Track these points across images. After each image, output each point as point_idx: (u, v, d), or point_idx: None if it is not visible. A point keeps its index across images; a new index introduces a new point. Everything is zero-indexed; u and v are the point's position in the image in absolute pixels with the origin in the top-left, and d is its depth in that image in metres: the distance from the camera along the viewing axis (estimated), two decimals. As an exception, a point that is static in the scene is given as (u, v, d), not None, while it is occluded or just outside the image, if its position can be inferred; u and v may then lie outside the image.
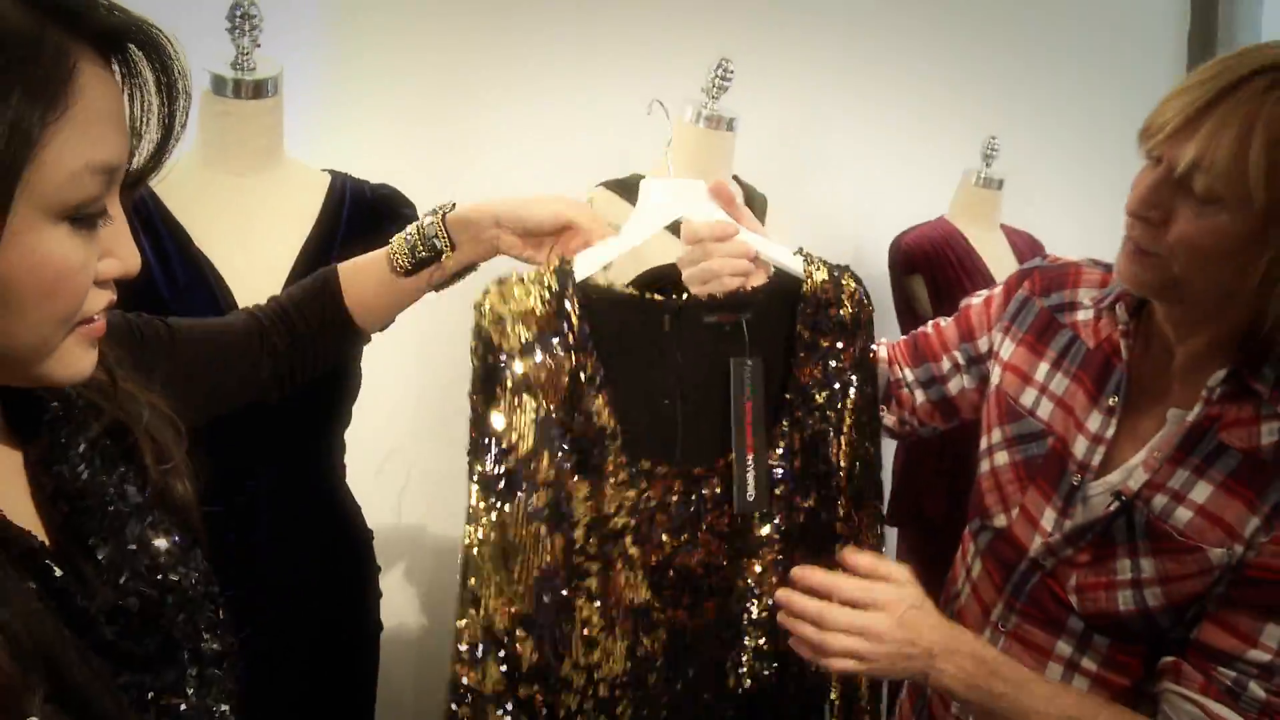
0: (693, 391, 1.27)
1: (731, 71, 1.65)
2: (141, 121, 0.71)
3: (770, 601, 1.27)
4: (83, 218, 0.67)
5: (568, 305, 1.18)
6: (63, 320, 0.69)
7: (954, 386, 1.41)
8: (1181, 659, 1.10)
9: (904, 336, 1.48)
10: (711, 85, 1.66)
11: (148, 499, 0.83)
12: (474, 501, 1.17)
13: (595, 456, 1.20)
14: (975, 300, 1.42)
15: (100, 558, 0.76)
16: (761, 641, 1.33)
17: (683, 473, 1.25)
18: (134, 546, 0.80)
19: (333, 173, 1.47)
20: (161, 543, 0.83)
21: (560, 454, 1.19)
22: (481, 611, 1.18)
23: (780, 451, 1.32)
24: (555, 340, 1.17)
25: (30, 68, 0.62)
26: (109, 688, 0.71)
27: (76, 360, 0.72)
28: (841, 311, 1.36)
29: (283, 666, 1.37)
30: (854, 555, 1.16)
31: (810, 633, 1.10)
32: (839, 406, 1.37)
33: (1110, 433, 1.19)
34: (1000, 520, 1.29)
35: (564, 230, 1.18)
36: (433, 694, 1.35)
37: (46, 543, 0.73)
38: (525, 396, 1.16)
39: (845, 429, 1.37)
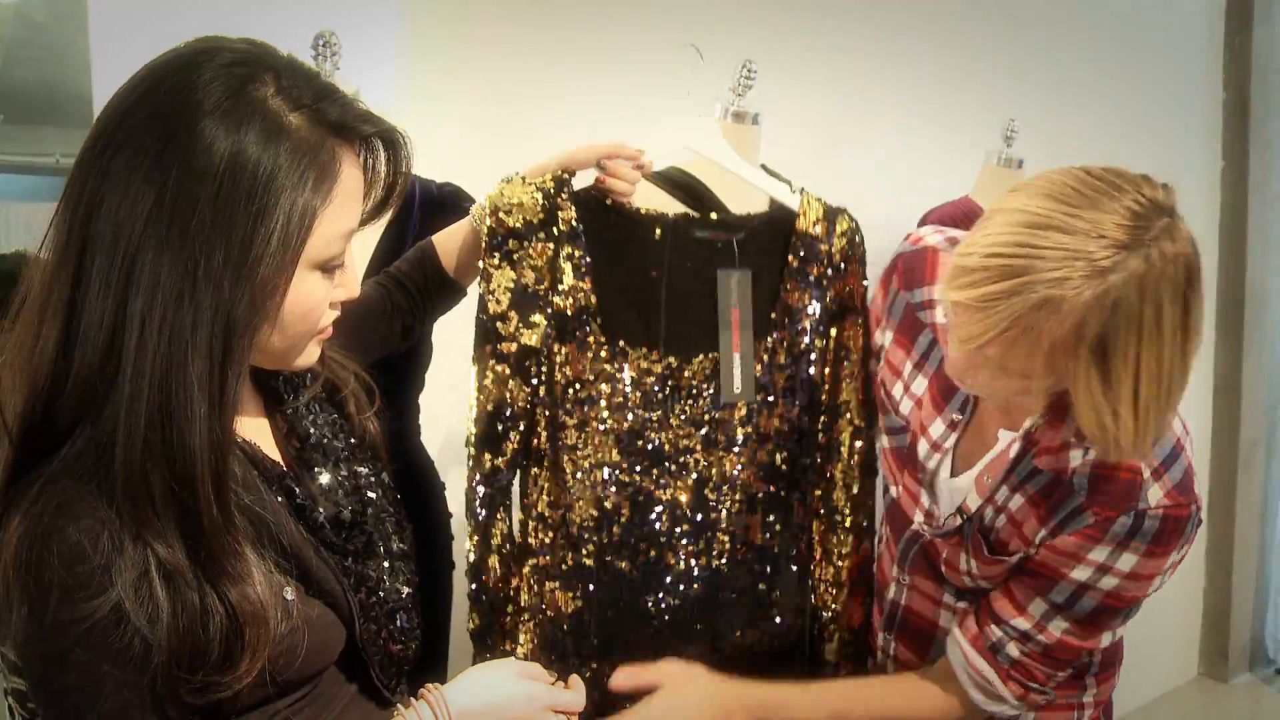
0: (679, 293, 1.55)
1: (754, 71, 1.81)
2: (370, 186, 0.98)
3: (743, 494, 1.56)
4: (330, 268, 0.95)
5: (559, 204, 1.48)
6: (309, 334, 0.99)
7: None
8: (969, 611, 1.37)
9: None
10: (737, 84, 1.81)
11: (350, 438, 1.14)
12: (473, 344, 1.50)
13: (577, 330, 1.50)
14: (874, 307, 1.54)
15: (322, 481, 1.07)
16: (731, 526, 1.58)
17: (660, 359, 1.53)
18: (345, 473, 1.10)
19: (403, 174, 1.67)
20: (362, 470, 1.13)
21: (534, 320, 1.49)
22: (468, 423, 1.50)
23: (762, 365, 1.56)
24: (542, 230, 1.48)
25: (316, 168, 0.89)
26: (335, 573, 1.02)
27: (310, 356, 1.02)
28: (833, 246, 1.57)
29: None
30: (617, 678, 1.39)
31: None
32: (825, 331, 1.60)
33: (950, 443, 1.38)
34: (893, 491, 1.51)
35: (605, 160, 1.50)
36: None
37: (286, 469, 1.03)
38: (505, 269, 1.47)
39: (830, 352, 1.59)
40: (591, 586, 1.53)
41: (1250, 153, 2.93)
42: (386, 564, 1.09)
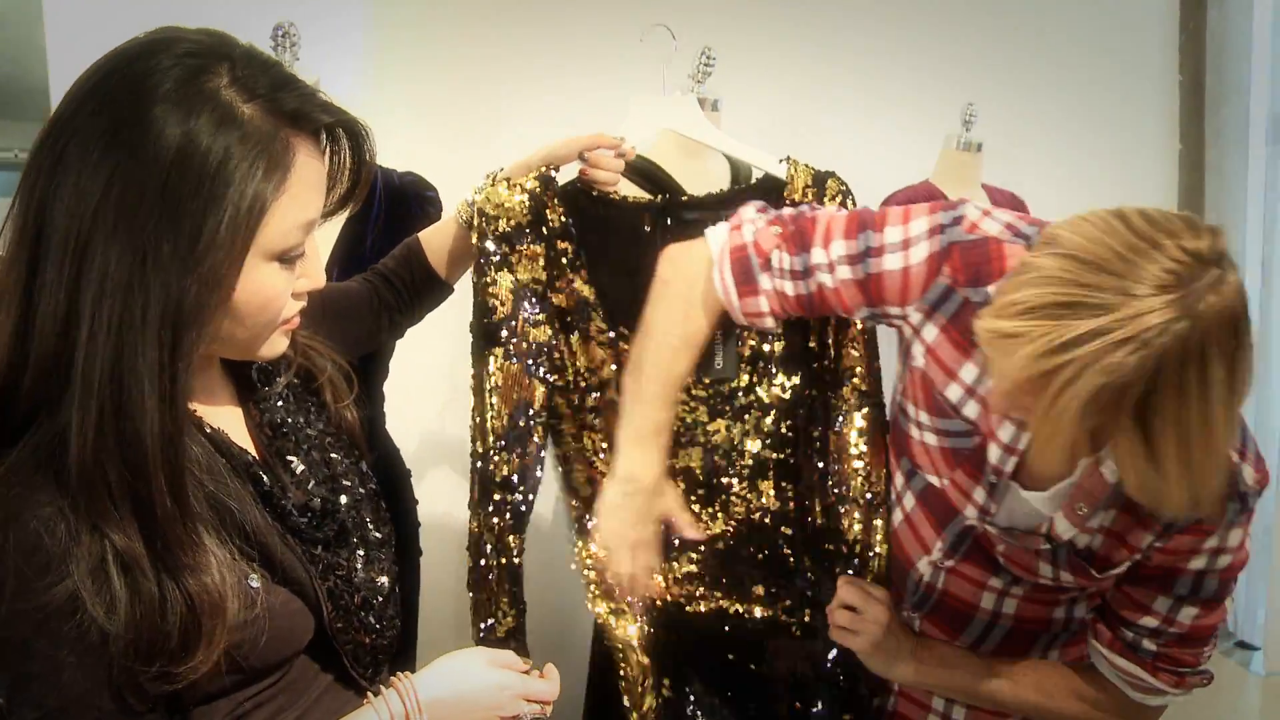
0: None
1: (714, 58, 1.83)
2: (336, 178, 0.99)
3: (752, 460, 1.60)
4: (288, 259, 0.95)
5: (546, 202, 1.52)
6: (270, 325, 0.99)
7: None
8: (1098, 617, 1.39)
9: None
10: (697, 71, 1.84)
11: (327, 427, 1.15)
12: (471, 348, 1.55)
13: (580, 322, 1.55)
14: (891, 265, 1.33)
15: (295, 469, 1.07)
16: (744, 493, 1.63)
17: None
18: (319, 461, 1.11)
19: (365, 163, 1.69)
20: (337, 458, 1.14)
21: (539, 319, 1.55)
22: (477, 432, 1.55)
23: (759, 337, 1.60)
24: (531, 231, 1.53)
25: (269, 158, 0.89)
26: (302, 560, 1.03)
27: (275, 346, 1.02)
28: None
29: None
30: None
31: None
32: None
33: (1022, 444, 1.30)
34: (933, 479, 1.44)
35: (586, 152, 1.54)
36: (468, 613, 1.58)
37: (256, 458, 1.04)
38: (504, 272, 1.52)
39: (831, 318, 1.60)
40: None
41: (1206, 136, 2.97)
42: (362, 553, 1.09)
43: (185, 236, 0.85)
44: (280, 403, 1.10)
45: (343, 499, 1.10)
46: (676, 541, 1.62)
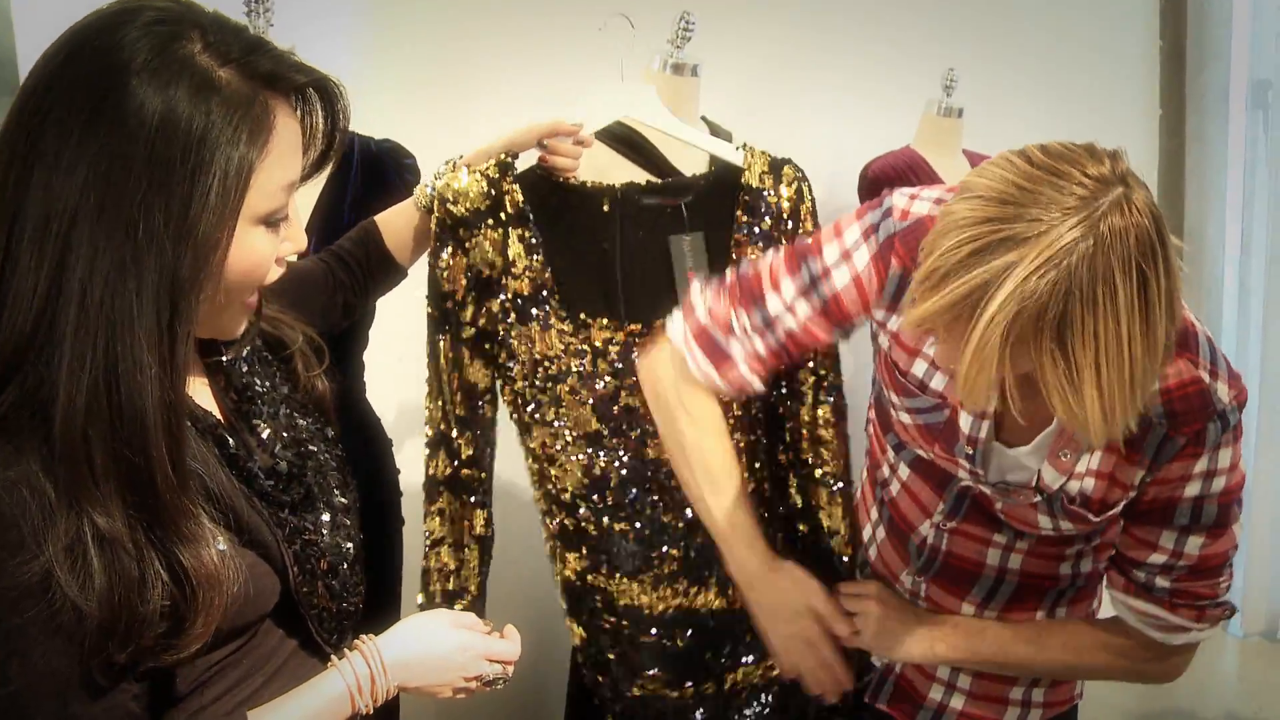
0: (634, 261, 1.59)
1: (693, 23, 1.82)
2: (310, 139, 0.98)
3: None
4: (273, 221, 0.95)
5: (505, 188, 1.51)
6: (252, 291, 0.99)
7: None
8: (1111, 565, 1.41)
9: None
10: (676, 36, 1.82)
11: (294, 392, 1.15)
12: (426, 329, 1.55)
13: (536, 308, 1.54)
14: (842, 282, 1.36)
15: (261, 433, 1.07)
16: None
17: (620, 328, 1.57)
18: (285, 425, 1.11)
19: (342, 130, 1.68)
20: (303, 423, 1.14)
21: (490, 306, 1.54)
22: (435, 412, 1.56)
23: None
24: (490, 216, 1.52)
25: (251, 121, 0.89)
26: (268, 523, 1.02)
27: (236, 326, 1.03)
28: (781, 199, 1.58)
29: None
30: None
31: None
32: None
33: (991, 407, 1.31)
34: (921, 452, 1.46)
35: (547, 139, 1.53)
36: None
37: (222, 421, 1.04)
38: (460, 256, 1.51)
39: None
40: (594, 547, 1.60)
41: (1187, 101, 2.99)
42: (327, 517, 1.09)
43: (176, 206, 0.85)
44: (246, 368, 1.10)
45: (309, 463, 1.10)
46: (666, 535, 1.61)
